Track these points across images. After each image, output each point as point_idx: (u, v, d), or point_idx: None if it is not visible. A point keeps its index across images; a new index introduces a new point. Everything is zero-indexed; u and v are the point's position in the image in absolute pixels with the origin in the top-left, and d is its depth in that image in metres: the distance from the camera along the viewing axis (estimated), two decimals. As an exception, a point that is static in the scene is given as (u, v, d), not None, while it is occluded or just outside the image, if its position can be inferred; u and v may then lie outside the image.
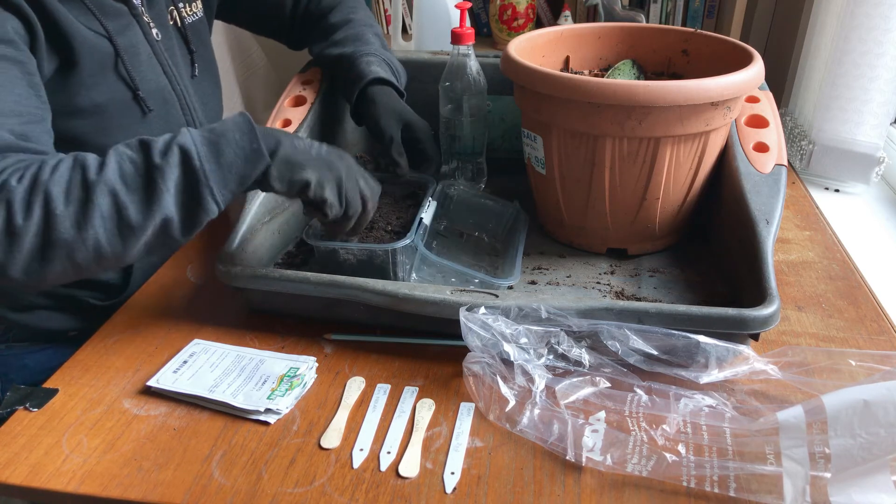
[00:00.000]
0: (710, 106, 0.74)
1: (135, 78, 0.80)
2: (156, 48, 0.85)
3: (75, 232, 0.59)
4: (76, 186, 0.59)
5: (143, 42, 0.83)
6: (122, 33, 0.79)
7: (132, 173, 0.61)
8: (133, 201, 0.60)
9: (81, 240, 0.59)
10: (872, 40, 0.99)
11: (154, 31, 0.85)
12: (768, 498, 0.53)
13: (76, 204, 0.59)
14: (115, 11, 0.79)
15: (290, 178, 0.66)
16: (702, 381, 0.63)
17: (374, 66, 0.90)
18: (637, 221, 0.83)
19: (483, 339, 0.64)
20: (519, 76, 0.79)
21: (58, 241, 0.58)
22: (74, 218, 0.59)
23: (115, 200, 0.59)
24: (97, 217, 0.59)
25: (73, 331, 0.89)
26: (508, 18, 1.69)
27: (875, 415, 0.50)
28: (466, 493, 0.56)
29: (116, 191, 0.59)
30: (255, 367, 0.68)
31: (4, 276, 0.59)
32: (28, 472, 0.59)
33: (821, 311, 0.77)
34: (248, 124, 0.65)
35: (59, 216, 0.58)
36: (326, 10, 1.00)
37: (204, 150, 0.62)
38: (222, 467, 0.59)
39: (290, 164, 0.65)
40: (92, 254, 0.60)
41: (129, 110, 0.81)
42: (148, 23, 0.84)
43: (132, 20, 0.82)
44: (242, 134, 0.64)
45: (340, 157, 0.70)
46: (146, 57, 0.83)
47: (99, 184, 0.59)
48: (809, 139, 1.10)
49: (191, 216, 0.62)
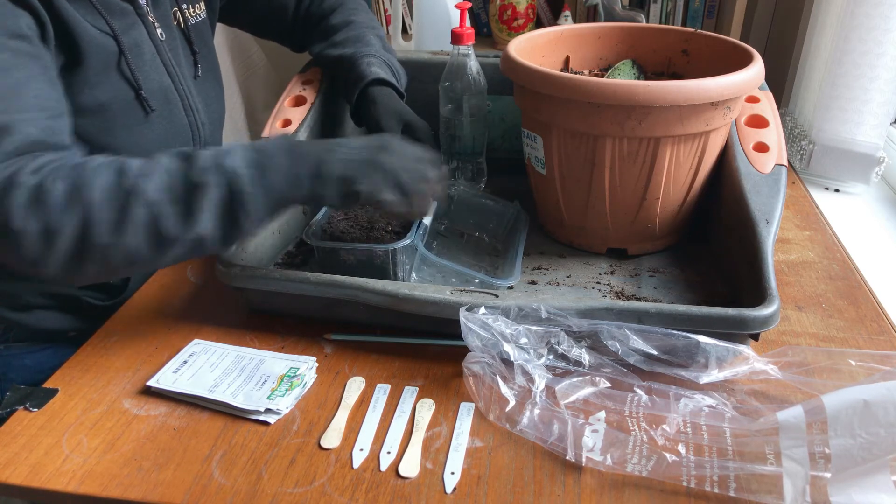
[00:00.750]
0: (710, 106, 0.74)
1: (138, 77, 0.80)
2: (160, 48, 0.85)
3: (111, 238, 0.59)
4: (116, 193, 0.60)
5: (148, 42, 0.83)
6: (126, 32, 0.80)
7: (174, 186, 0.61)
8: (171, 214, 0.60)
9: (116, 246, 0.60)
10: (872, 40, 0.99)
11: (159, 31, 0.85)
12: (768, 498, 0.53)
13: (115, 212, 0.59)
14: (121, 11, 0.80)
15: (346, 195, 0.65)
16: (702, 381, 0.63)
17: (374, 67, 0.90)
18: (637, 221, 0.83)
19: (483, 339, 0.64)
20: (519, 76, 0.79)
21: (93, 246, 0.59)
22: (112, 225, 0.59)
23: (153, 211, 0.60)
24: (133, 226, 0.60)
25: (72, 331, 0.89)
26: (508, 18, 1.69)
27: (875, 415, 0.50)
28: (466, 493, 0.56)
29: (156, 202, 0.60)
30: (255, 367, 0.68)
31: (39, 273, 0.60)
32: (28, 472, 0.59)
33: (821, 311, 0.77)
34: (294, 148, 0.65)
35: (96, 222, 0.59)
36: (328, 11, 1.00)
37: (249, 173, 0.62)
38: (222, 467, 0.59)
39: (342, 180, 0.65)
40: (125, 260, 0.61)
41: (131, 110, 0.81)
42: (153, 23, 0.84)
43: (137, 20, 0.82)
44: (288, 158, 0.64)
45: (385, 147, 0.68)
46: (150, 57, 0.83)
47: (140, 194, 0.60)
48: (809, 139, 1.10)
49: (226, 234, 0.63)
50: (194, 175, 0.61)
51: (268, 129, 0.89)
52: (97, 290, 0.88)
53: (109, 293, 0.89)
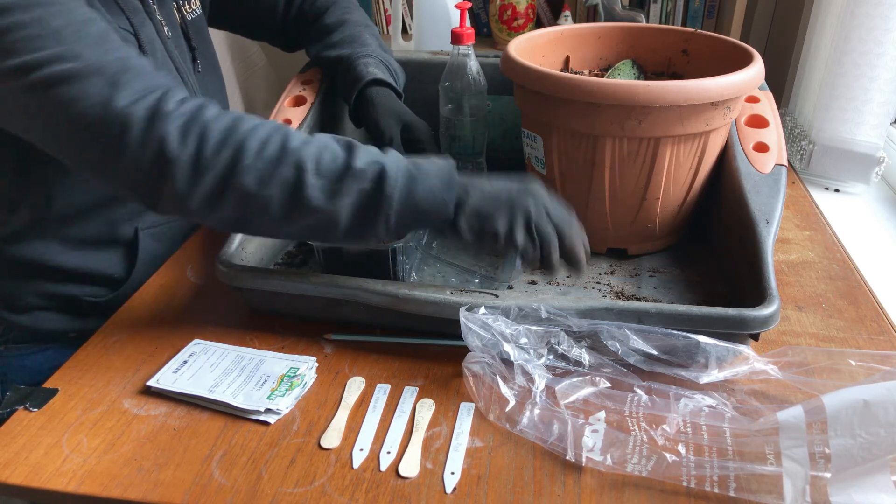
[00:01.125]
0: (710, 106, 0.74)
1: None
2: (167, 45, 0.86)
3: (255, 186, 0.61)
4: (273, 146, 0.62)
5: (157, 39, 0.84)
6: (141, 30, 0.80)
7: (329, 162, 0.63)
8: (316, 186, 0.62)
9: (256, 196, 0.62)
10: (872, 40, 0.99)
11: (165, 29, 0.86)
12: (768, 498, 0.53)
13: (265, 162, 0.62)
14: (133, 8, 0.80)
15: (480, 229, 0.65)
16: (702, 381, 0.63)
17: (371, 68, 0.90)
18: (637, 221, 0.83)
19: (483, 339, 0.64)
20: (519, 76, 0.79)
21: (236, 189, 0.61)
22: (259, 174, 0.61)
23: (300, 176, 0.62)
24: (278, 182, 0.62)
25: (72, 332, 0.89)
26: (508, 18, 1.69)
27: (875, 415, 0.50)
28: (466, 493, 0.56)
29: (307, 168, 0.62)
30: (255, 367, 0.68)
31: (184, 206, 0.62)
32: (28, 472, 0.59)
33: (821, 311, 0.77)
34: (450, 174, 0.66)
35: (246, 166, 0.61)
36: (320, 11, 1.00)
37: (401, 181, 0.64)
38: (222, 467, 0.59)
39: (480, 215, 0.65)
40: (261, 212, 0.63)
41: None
42: (160, 20, 0.85)
43: (147, 18, 0.82)
44: (441, 181, 0.65)
45: (528, 190, 0.68)
46: (161, 54, 0.84)
47: (294, 154, 0.62)
48: (809, 139, 1.10)
49: (357, 228, 0.64)
50: (353, 161, 0.63)
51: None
52: (96, 285, 0.88)
53: (109, 286, 0.89)
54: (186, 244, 0.92)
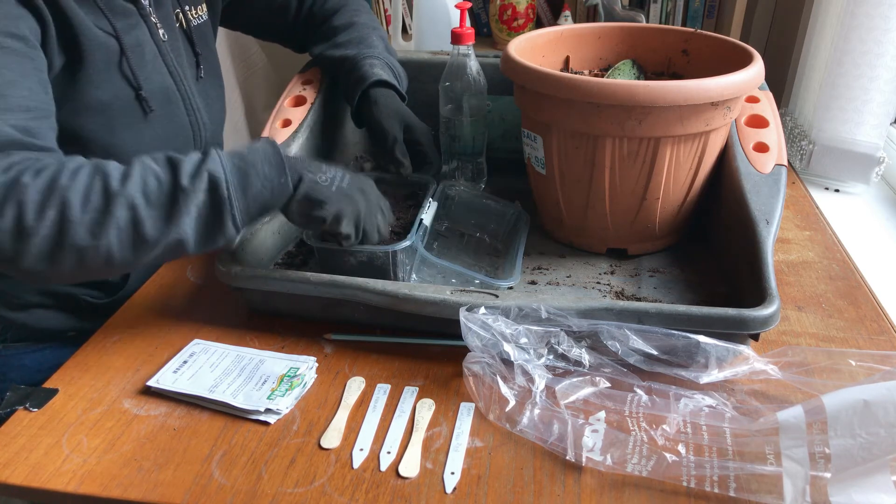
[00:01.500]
0: (710, 106, 0.74)
1: (139, 77, 0.81)
2: (162, 49, 0.85)
3: (89, 239, 0.59)
4: (96, 194, 0.60)
5: (150, 42, 0.83)
6: (129, 33, 0.80)
7: (156, 190, 0.61)
8: (151, 217, 0.61)
9: (94, 248, 0.60)
10: (872, 40, 0.99)
11: (161, 32, 0.85)
12: (768, 498, 0.53)
13: (93, 212, 0.59)
14: (125, 11, 0.80)
15: (309, 215, 0.68)
16: (702, 381, 0.63)
17: (376, 69, 0.91)
18: (637, 221, 0.83)
19: (483, 339, 0.64)
20: (519, 76, 0.79)
21: (70, 246, 0.59)
22: (90, 226, 0.59)
23: (133, 214, 0.60)
24: (113, 228, 0.60)
25: (71, 331, 0.89)
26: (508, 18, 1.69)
27: (875, 415, 0.50)
28: (466, 493, 0.56)
29: (136, 205, 0.60)
30: (255, 367, 0.68)
31: (14, 269, 0.60)
32: (28, 472, 0.59)
33: (821, 311, 0.77)
34: (277, 156, 0.66)
35: (74, 222, 0.59)
36: (330, 12, 1.01)
37: (233, 179, 0.63)
38: (222, 467, 0.59)
39: (310, 200, 0.67)
40: (102, 261, 0.61)
41: (132, 109, 0.81)
42: (155, 23, 0.84)
43: (140, 20, 0.82)
44: (272, 167, 0.65)
45: (362, 189, 0.72)
46: (151, 57, 0.83)
47: (120, 195, 0.60)
48: (809, 139, 1.10)
49: (207, 238, 0.63)
50: (179, 179, 0.62)
51: (268, 130, 0.89)
52: (94, 288, 0.88)
53: (107, 291, 0.89)
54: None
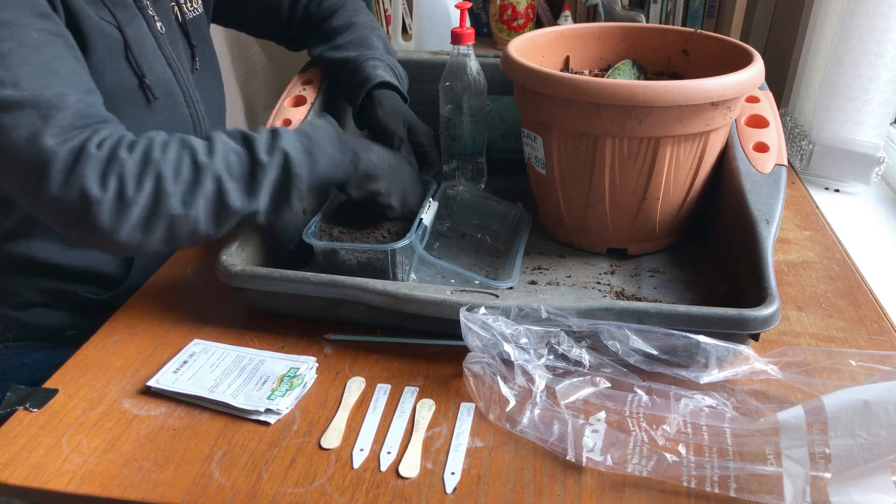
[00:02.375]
0: (710, 106, 0.74)
1: (142, 66, 0.82)
2: (160, 41, 0.86)
3: (181, 208, 0.65)
4: (186, 167, 0.66)
5: (149, 35, 0.84)
6: (128, 25, 0.81)
7: (237, 164, 0.68)
8: (234, 189, 0.67)
9: (184, 216, 0.66)
10: (872, 40, 0.99)
11: (159, 25, 0.86)
12: (768, 498, 0.53)
13: (184, 183, 0.65)
14: (123, 4, 0.81)
15: (367, 188, 0.76)
16: (702, 381, 0.63)
17: (379, 70, 0.91)
18: (637, 221, 0.83)
19: (483, 339, 0.64)
20: (519, 76, 0.79)
21: (164, 215, 0.65)
22: (182, 196, 0.65)
23: (219, 186, 0.66)
24: (201, 198, 0.66)
25: (71, 329, 0.89)
26: (508, 18, 1.69)
27: (875, 415, 0.50)
28: (466, 493, 0.56)
29: (222, 177, 0.66)
30: (255, 368, 0.68)
31: (111, 240, 0.65)
32: (28, 472, 0.59)
33: (821, 311, 0.77)
34: (337, 136, 0.74)
35: (168, 192, 0.65)
36: (328, 12, 1.00)
37: (302, 158, 0.70)
38: (222, 467, 0.59)
39: (368, 175, 0.76)
40: (190, 229, 0.67)
41: (136, 98, 0.82)
42: (153, 16, 0.85)
43: (138, 13, 0.83)
44: (334, 146, 0.73)
45: (405, 167, 0.82)
46: (152, 49, 0.84)
47: (208, 168, 0.66)
48: (809, 139, 1.10)
49: (276, 209, 0.70)
50: (257, 155, 0.68)
51: (268, 129, 0.89)
52: (95, 283, 0.88)
53: (107, 287, 0.89)
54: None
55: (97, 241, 0.65)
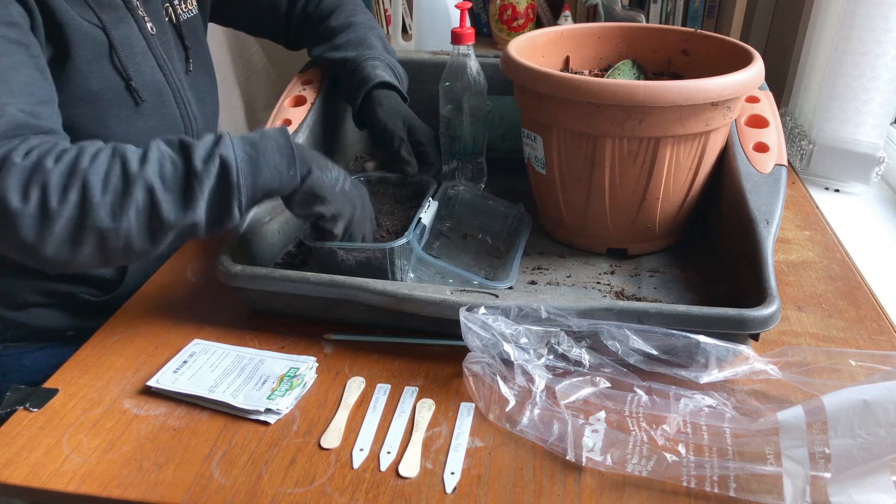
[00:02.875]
0: (710, 106, 0.74)
1: (128, 68, 0.81)
2: (150, 42, 0.85)
3: (110, 221, 0.61)
4: (116, 177, 0.61)
5: (138, 36, 0.84)
6: (116, 26, 0.80)
7: (172, 173, 0.63)
8: (169, 201, 0.62)
9: (114, 230, 0.61)
10: (872, 40, 0.99)
11: (149, 26, 0.85)
12: (768, 498, 0.53)
13: (114, 194, 0.61)
14: (111, 5, 0.80)
15: (310, 208, 0.70)
16: (702, 381, 0.63)
17: (378, 70, 0.91)
18: (637, 221, 0.83)
19: (483, 339, 0.64)
20: (519, 76, 0.79)
21: (92, 228, 0.60)
22: (111, 208, 0.61)
23: (151, 197, 0.61)
24: (132, 210, 0.61)
25: (70, 330, 0.89)
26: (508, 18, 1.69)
27: (875, 415, 0.50)
28: (466, 493, 0.56)
29: (154, 188, 0.61)
30: (255, 367, 0.68)
31: (36, 255, 0.61)
32: (28, 472, 0.59)
33: (821, 311, 0.77)
34: (288, 147, 0.68)
35: (95, 204, 0.60)
36: (326, 12, 1.00)
37: (243, 167, 0.64)
38: (222, 467, 0.59)
39: (314, 195, 0.70)
40: (122, 244, 0.62)
41: (122, 100, 0.82)
42: (143, 17, 0.85)
43: (127, 14, 0.82)
44: (282, 157, 0.67)
45: (360, 196, 0.75)
46: (140, 50, 0.84)
47: (139, 178, 0.61)
48: (809, 139, 1.10)
49: (217, 222, 0.65)
50: (193, 163, 0.63)
51: (268, 130, 0.89)
52: (92, 285, 0.88)
53: (104, 289, 0.89)
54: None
55: (22, 256, 0.61)
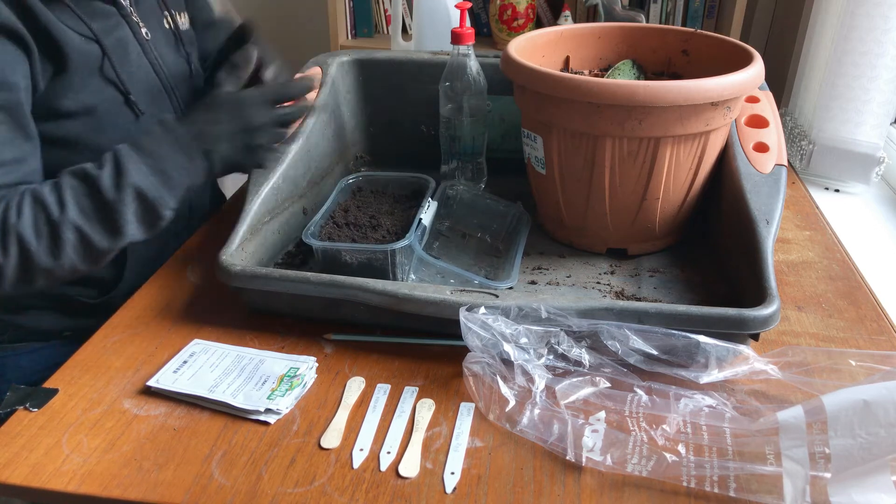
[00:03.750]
0: (710, 106, 0.74)
1: (124, 80, 0.81)
2: (145, 47, 0.86)
3: (52, 261, 0.69)
4: (42, 224, 0.68)
5: (133, 41, 0.84)
6: (110, 33, 0.80)
7: (90, 208, 0.69)
8: (98, 232, 0.69)
9: (59, 265, 0.69)
10: (872, 40, 0.99)
11: (143, 31, 0.86)
12: (768, 498, 0.53)
13: (48, 239, 0.68)
14: (104, 13, 0.81)
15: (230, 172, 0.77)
16: (702, 381, 0.63)
17: None
18: (637, 221, 0.83)
19: (483, 339, 0.64)
20: (519, 76, 0.79)
21: (38, 269, 0.69)
22: (48, 250, 0.68)
23: (81, 235, 0.69)
24: (69, 248, 0.69)
25: (67, 331, 0.89)
26: (508, 18, 1.69)
27: (875, 415, 0.50)
28: (466, 493, 0.56)
29: (81, 226, 0.69)
30: (255, 367, 0.68)
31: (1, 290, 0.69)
32: (28, 472, 0.59)
33: (821, 311, 0.77)
34: (176, 140, 0.72)
35: (34, 251, 0.68)
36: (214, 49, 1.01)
37: (153, 182, 0.71)
38: (222, 467, 0.59)
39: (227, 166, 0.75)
40: (70, 272, 0.71)
41: (121, 112, 0.82)
42: (137, 22, 0.85)
43: (121, 20, 0.83)
44: (180, 153, 0.72)
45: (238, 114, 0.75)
46: (136, 56, 0.84)
47: (63, 222, 0.68)
48: (809, 139, 1.10)
49: (151, 228, 0.73)
50: (105, 195, 0.69)
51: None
52: (88, 287, 0.88)
53: (100, 290, 0.89)
54: (186, 244, 0.92)
55: None
